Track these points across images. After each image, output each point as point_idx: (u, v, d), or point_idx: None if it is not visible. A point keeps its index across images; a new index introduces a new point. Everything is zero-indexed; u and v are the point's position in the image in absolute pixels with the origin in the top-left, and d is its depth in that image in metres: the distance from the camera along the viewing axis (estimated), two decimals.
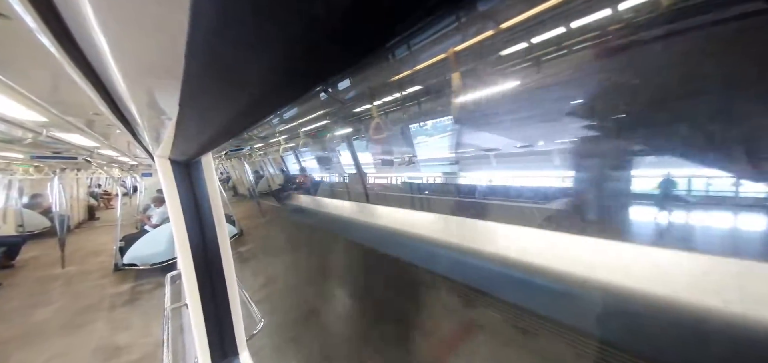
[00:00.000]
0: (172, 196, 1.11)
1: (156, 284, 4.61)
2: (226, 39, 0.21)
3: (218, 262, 1.22)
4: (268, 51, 0.21)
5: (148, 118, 0.60)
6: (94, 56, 0.48)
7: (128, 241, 5.41)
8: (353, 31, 0.20)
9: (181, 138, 0.68)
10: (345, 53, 0.22)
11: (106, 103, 0.71)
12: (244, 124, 0.42)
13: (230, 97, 0.32)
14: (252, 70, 0.24)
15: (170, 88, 0.37)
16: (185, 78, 0.31)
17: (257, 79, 0.26)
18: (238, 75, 0.26)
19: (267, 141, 9.45)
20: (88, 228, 9.55)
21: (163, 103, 0.47)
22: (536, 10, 2.41)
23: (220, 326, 1.22)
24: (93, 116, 2.03)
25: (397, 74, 3.50)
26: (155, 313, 3.74)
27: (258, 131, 7.94)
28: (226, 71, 0.26)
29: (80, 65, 0.53)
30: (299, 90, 0.29)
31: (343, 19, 0.18)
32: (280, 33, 0.19)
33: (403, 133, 5.21)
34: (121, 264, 5.00)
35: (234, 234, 6.72)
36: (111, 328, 3.56)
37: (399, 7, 0.18)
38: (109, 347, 3.19)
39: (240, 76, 0.26)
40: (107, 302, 4.20)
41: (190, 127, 0.52)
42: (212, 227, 1.21)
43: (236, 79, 0.27)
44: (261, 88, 0.27)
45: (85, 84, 0.62)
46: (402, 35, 2.49)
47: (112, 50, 0.33)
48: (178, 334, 2.43)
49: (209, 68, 0.26)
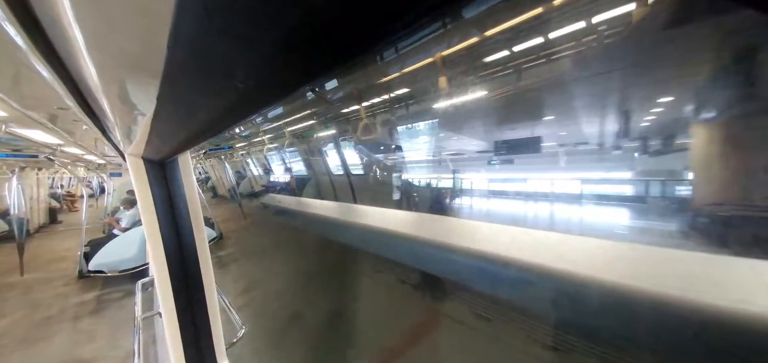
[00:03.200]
0: (144, 197, 1.05)
1: (125, 292, 4.34)
2: (214, 29, 0.20)
3: (196, 267, 1.16)
4: (259, 43, 0.20)
5: (120, 113, 0.56)
6: (62, 45, 0.45)
7: (94, 246, 5.07)
8: (347, 28, 0.19)
9: (157, 136, 0.64)
10: (337, 51, 0.21)
11: (74, 97, 0.66)
12: (228, 122, 0.40)
13: (215, 92, 0.30)
14: (240, 63, 0.23)
15: (148, 81, 0.34)
16: (166, 70, 0.29)
17: (245, 74, 0.24)
18: (225, 69, 0.25)
19: (250, 140, 9.19)
20: (50, 232, 8.87)
21: (139, 97, 0.44)
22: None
23: (198, 334, 1.16)
24: (57, 111, 1.89)
25: (386, 76, 3.52)
26: (124, 324, 3.52)
27: (240, 130, 7.71)
28: (212, 64, 0.25)
29: (47, 55, 0.49)
30: (288, 87, 0.27)
31: (339, 13, 0.17)
32: (272, 25, 0.18)
33: (391, 135, 5.23)
34: (86, 271, 4.66)
35: (213, 237, 6.47)
36: (74, 341, 3.30)
37: (393, 9, 0.17)
38: (72, 362, 2.96)
39: (227, 70, 0.25)
40: (71, 312, 3.90)
41: (168, 124, 0.49)
42: (189, 231, 1.15)
43: (222, 73, 0.25)
44: (248, 84, 0.26)
45: (50, 76, 0.57)
46: (394, 36, 2.50)
47: (84, 38, 0.30)
48: (150, 344, 2.30)
49: (193, 60, 0.25)
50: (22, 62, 1.14)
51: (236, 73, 0.24)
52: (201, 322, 1.17)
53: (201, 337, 1.17)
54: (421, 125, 5.36)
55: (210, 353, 1.19)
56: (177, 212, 1.12)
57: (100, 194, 12.34)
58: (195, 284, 1.16)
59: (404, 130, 5.63)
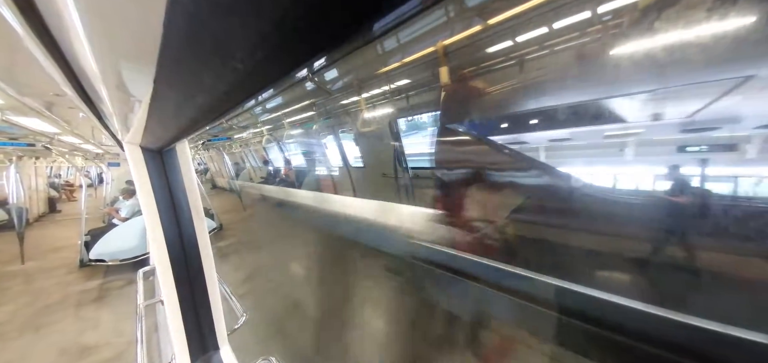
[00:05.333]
0: (144, 187, 1.05)
1: (126, 281, 4.37)
2: (211, 3, 0.19)
3: (196, 255, 1.17)
4: (258, 19, 0.19)
5: (117, 98, 0.56)
6: (57, 27, 0.44)
7: (94, 236, 5.10)
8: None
9: (155, 122, 0.63)
10: (342, 25, 0.21)
11: (70, 82, 0.65)
12: (227, 106, 0.39)
13: (213, 74, 0.29)
14: (238, 41, 0.22)
15: (144, 63, 0.34)
16: (162, 51, 0.29)
17: (244, 53, 0.24)
18: (223, 48, 0.24)
19: (248, 131, 9.13)
20: (49, 221, 8.89)
21: (136, 80, 0.43)
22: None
23: (200, 321, 1.18)
24: (54, 97, 1.88)
25: (386, 66, 3.46)
26: (127, 311, 3.56)
27: (238, 121, 7.65)
28: (209, 43, 0.24)
29: (43, 38, 0.48)
30: (290, 66, 0.27)
31: None
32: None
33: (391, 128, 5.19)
34: (87, 260, 4.70)
35: (213, 228, 6.50)
36: (78, 328, 3.35)
37: None
38: (77, 348, 3.01)
39: (224, 49, 0.24)
40: (73, 300, 3.94)
41: (166, 110, 0.48)
42: (189, 220, 1.15)
43: (220, 52, 0.25)
44: (247, 63, 0.25)
45: (47, 60, 0.56)
46: (403, 13, 2.41)
47: (81, 20, 0.30)
48: (153, 331, 2.33)
49: (190, 39, 0.24)
50: (17, 48, 1.12)
51: (235, 52, 0.24)
52: (202, 309, 1.18)
53: (202, 324, 1.18)
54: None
55: (212, 339, 1.20)
56: (176, 201, 1.12)
57: (98, 184, 12.32)
58: (196, 272, 1.17)
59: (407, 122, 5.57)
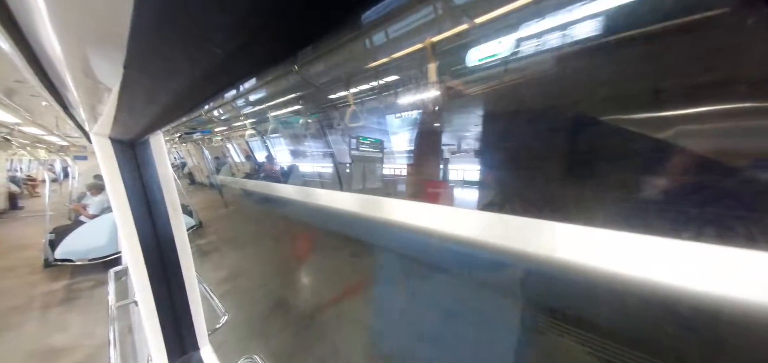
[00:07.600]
0: (114, 182, 0.98)
1: (96, 282, 4.14)
2: None
3: (173, 253, 1.12)
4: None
5: (84, 85, 0.52)
6: (18, 8, 0.40)
7: (60, 234, 4.77)
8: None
9: (126, 112, 0.59)
10: (330, 9, 0.20)
11: (32, 68, 0.60)
12: (204, 95, 0.37)
13: (189, 59, 0.27)
14: (217, 23, 0.21)
15: (113, 45, 0.31)
16: (133, 32, 0.27)
17: (222, 36, 0.22)
18: (199, 30, 0.23)
19: (230, 124, 8.81)
20: (11, 218, 8.26)
21: (104, 65, 0.40)
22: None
23: (178, 321, 1.13)
24: (14, 84, 1.73)
25: (374, 61, 3.43)
26: (98, 313, 3.38)
27: (220, 113, 7.37)
28: (185, 25, 0.23)
29: (2, 19, 0.44)
30: (274, 51, 0.26)
31: None
32: None
33: (379, 123, 5.17)
34: (52, 259, 4.40)
35: (192, 226, 6.25)
36: (45, 330, 3.15)
37: None
38: (45, 350, 2.83)
39: (201, 32, 0.23)
40: (38, 302, 3.69)
41: (138, 97, 0.46)
42: (165, 216, 1.10)
43: (196, 34, 0.23)
44: (226, 48, 0.24)
45: (6, 44, 0.52)
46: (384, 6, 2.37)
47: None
48: (127, 333, 2.23)
49: (164, 19, 0.23)
50: None
51: (212, 34, 0.22)
52: (181, 308, 1.13)
53: (181, 324, 1.14)
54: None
55: (191, 339, 1.16)
56: (151, 196, 1.07)
57: (64, 178, 11.54)
58: (173, 270, 1.12)
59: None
